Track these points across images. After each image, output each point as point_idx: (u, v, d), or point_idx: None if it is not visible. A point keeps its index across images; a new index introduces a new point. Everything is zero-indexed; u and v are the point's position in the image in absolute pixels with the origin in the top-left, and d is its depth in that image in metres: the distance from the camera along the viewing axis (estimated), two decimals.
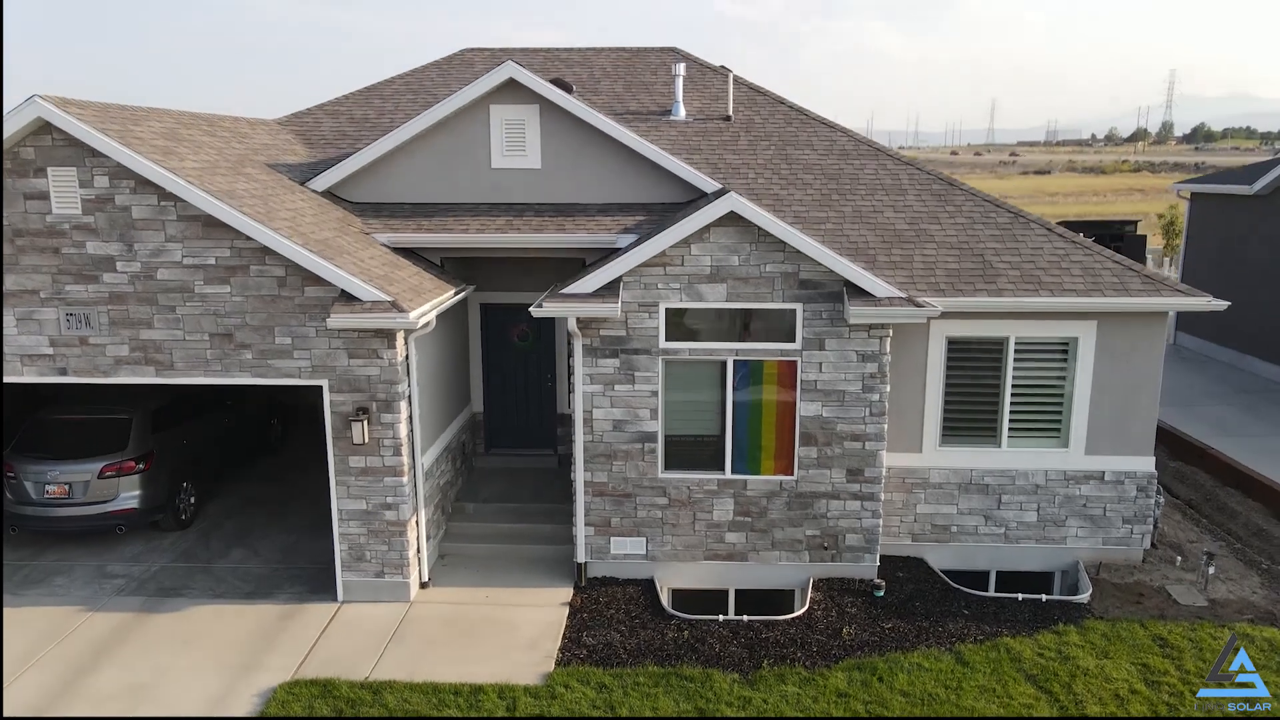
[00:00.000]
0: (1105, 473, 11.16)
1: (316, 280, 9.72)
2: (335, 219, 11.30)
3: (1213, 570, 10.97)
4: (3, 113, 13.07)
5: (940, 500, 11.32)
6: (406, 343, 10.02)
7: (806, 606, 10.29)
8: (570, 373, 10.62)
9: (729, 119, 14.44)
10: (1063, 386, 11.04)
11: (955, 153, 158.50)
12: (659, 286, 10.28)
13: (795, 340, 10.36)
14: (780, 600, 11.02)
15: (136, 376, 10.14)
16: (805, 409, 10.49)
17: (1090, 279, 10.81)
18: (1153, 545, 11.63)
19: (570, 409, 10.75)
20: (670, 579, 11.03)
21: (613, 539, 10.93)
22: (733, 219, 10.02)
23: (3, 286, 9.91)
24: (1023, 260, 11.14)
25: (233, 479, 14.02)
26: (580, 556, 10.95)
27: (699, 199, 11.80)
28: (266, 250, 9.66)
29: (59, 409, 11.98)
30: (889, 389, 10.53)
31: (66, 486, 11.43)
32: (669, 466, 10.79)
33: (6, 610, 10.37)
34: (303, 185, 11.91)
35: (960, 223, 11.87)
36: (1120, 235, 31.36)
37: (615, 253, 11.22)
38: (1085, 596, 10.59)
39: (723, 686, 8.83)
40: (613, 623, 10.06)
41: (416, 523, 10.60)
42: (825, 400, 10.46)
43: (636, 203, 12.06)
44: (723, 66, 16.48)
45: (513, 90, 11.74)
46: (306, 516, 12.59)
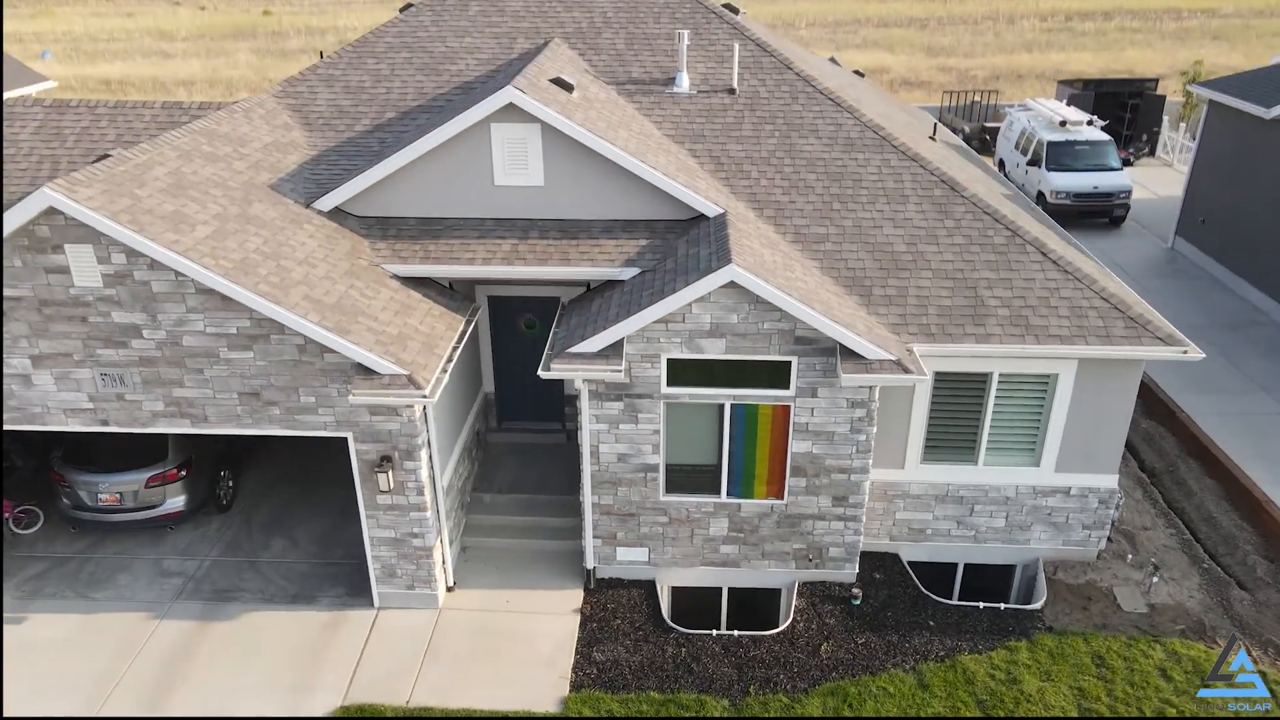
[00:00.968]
0: (1071, 488, 12.11)
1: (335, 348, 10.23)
2: (345, 253, 11.54)
3: (1156, 580, 12.20)
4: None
5: (918, 509, 12.36)
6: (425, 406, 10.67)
7: (790, 619, 11.61)
8: (578, 412, 11.32)
9: (733, 92, 14.09)
10: (1040, 414, 11.75)
11: None
12: (661, 340, 10.76)
13: (790, 388, 10.97)
14: (768, 599, 12.36)
15: (174, 428, 10.89)
16: (796, 446, 11.29)
17: (1076, 320, 11.22)
18: (1109, 540, 12.80)
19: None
20: (670, 580, 12.31)
21: (618, 549, 12.08)
22: (732, 285, 10.33)
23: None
24: (1014, 295, 11.49)
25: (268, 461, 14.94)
26: (589, 563, 12.16)
27: (701, 219, 11.95)
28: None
29: None
30: (875, 427, 11.27)
31: (118, 495, 12.49)
32: (670, 490, 11.74)
33: (84, 616, 11.75)
34: (309, 207, 12.00)
35: (958, 243, 12.06)
36: (1139, 93, 30.50)
37: (619, 284, 11.60)
38: (1039, 604, 11.88)
39: (715, 714, 10.28)
40: (619, 635, 11.42)
41: (441, 541, 11.72)
42: (815, 439, 11.24)
43: (640, 220, 12.18)
44: (727, 4, 15.80)
45: (513, 110, 11.56)
46: (335, 500, 13.66)
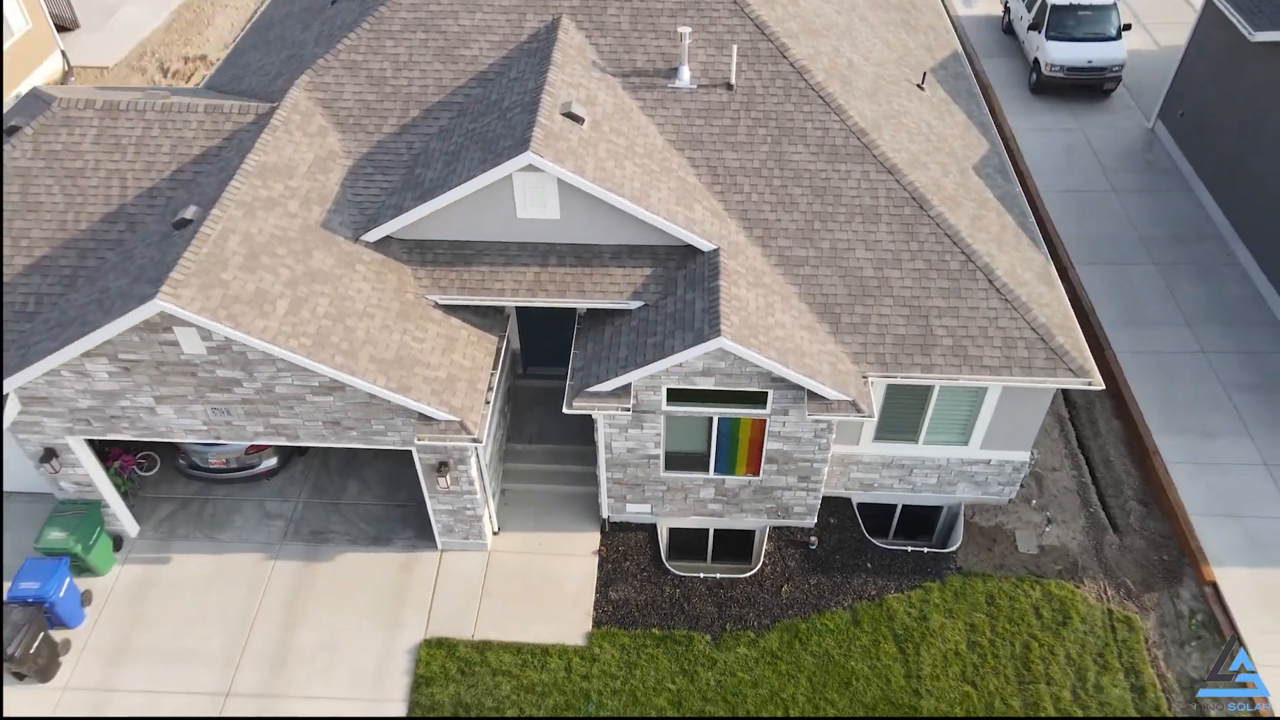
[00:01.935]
0: (991, 460, 15.05)
1: None
2: (393, 290, 13.58)
3: (1049, 527, 15.49)
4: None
5: (868, 471, 15.38)
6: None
7: (761, 563, 15.06)
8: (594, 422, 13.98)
9: (731, 87, 15.12)
10: (970, 413, 14.40)
11: None
12: (661, 377, 13.17)
13: (766, 408, 13.55)
14: (745, 535, 15.77)
15: (272, 442, 13.65)
16: (770, 445, 14.08)
17: (1007, 351, 13.53)
18: (1020, 486, 15.96)
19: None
20: (668, 523, 15.63)
21: (627, 505, 15.27)
22: (720, 349, 12.57)
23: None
24: (959, 324, 13.67)
25: None
26: (604, 513, 15.42)
27: (698, 254, 13.82)
28: None
29: None
30: (835, 433, 14.00)
31: (225, 459, 15.49)
32: (668, 468, 14.68)
33: (214, 556, 15.21)
34: (358, 241, 13.80)
35: (918, 268, 13.99)
36: None
37: (627, 313, 13.78)
38: (955, 546, 15.28)
39: (700, 648, 14.03)
40: (629, 576, 14.94)
41: (488, 504, 14.88)
42: (785, 441, 14.01)
43: (645, 245, 14.01)
44: None
45: (532, 167, 13.01)
46: None
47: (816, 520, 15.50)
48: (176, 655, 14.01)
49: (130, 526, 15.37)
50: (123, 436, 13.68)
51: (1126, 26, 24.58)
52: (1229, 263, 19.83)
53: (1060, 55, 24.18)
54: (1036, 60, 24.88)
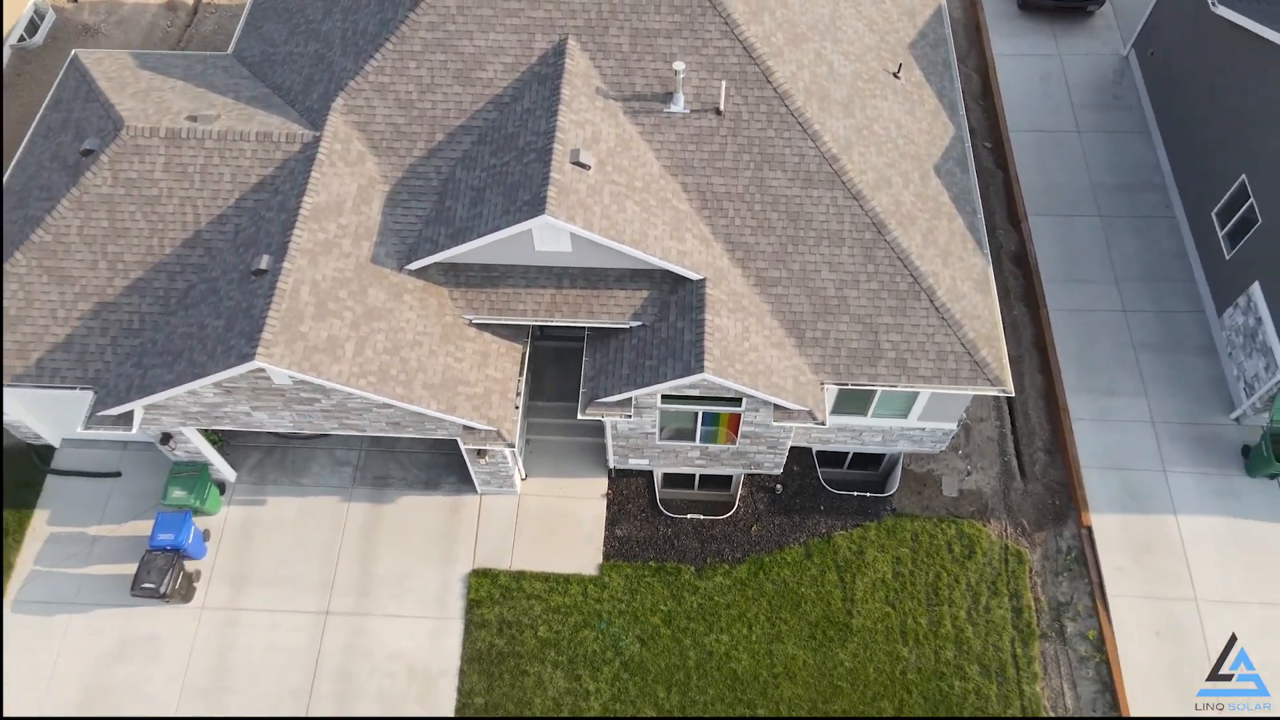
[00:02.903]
0: (926, 427, 18.49)
1: None
2: (435, 313, 16.40)
3: (970, 474, 19.17)
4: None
5: (826, 433, 18.86)
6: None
7: (736, 505, 18.91)
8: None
9: (720, 113, 16.99)
10: (908, 405, 17.64)
11: None
12: (656, 388, 16.33)
13: (741, 407, 16.82)
14: (724, 477, 19.56)
15: (346, 433, 17.06)
16: (744, 428, 17.47)
17: (939, 364, 16.56)
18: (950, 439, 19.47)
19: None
20: (662, 470, 19.36)
21: (630, 459, 18.91)
22: (703, 379, 15.63)
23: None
24: (902, 339, 16.59)
25: None
26: (611, 464, 19.10)
27: (688, 280, 16.47)
28: None
29: None
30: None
31: None
32: (662, 438, 18.17)
33: (299, 499, 19.07)
34: (403, 270, 16.42)
35: (873, 289, 16.69)
36: None
37: (629, 331, 16.69)
38: (892, 490, 19.07)
39: (686, 577, 18.20)
40: (631, 516, 18.86)
41: (517, 462, 18.51)
42: (756, 426, 17.38)
43: (644, 269, 16.62)
44: None
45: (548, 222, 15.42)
46: None
47: (784, 468, 19.21)
48: (283, 580, 18.22)
49: (229, 474, 19.12)
50: (225, 428, 17.06)
51: None
52: (1165, 215, 22.12)
53: None
54: None
